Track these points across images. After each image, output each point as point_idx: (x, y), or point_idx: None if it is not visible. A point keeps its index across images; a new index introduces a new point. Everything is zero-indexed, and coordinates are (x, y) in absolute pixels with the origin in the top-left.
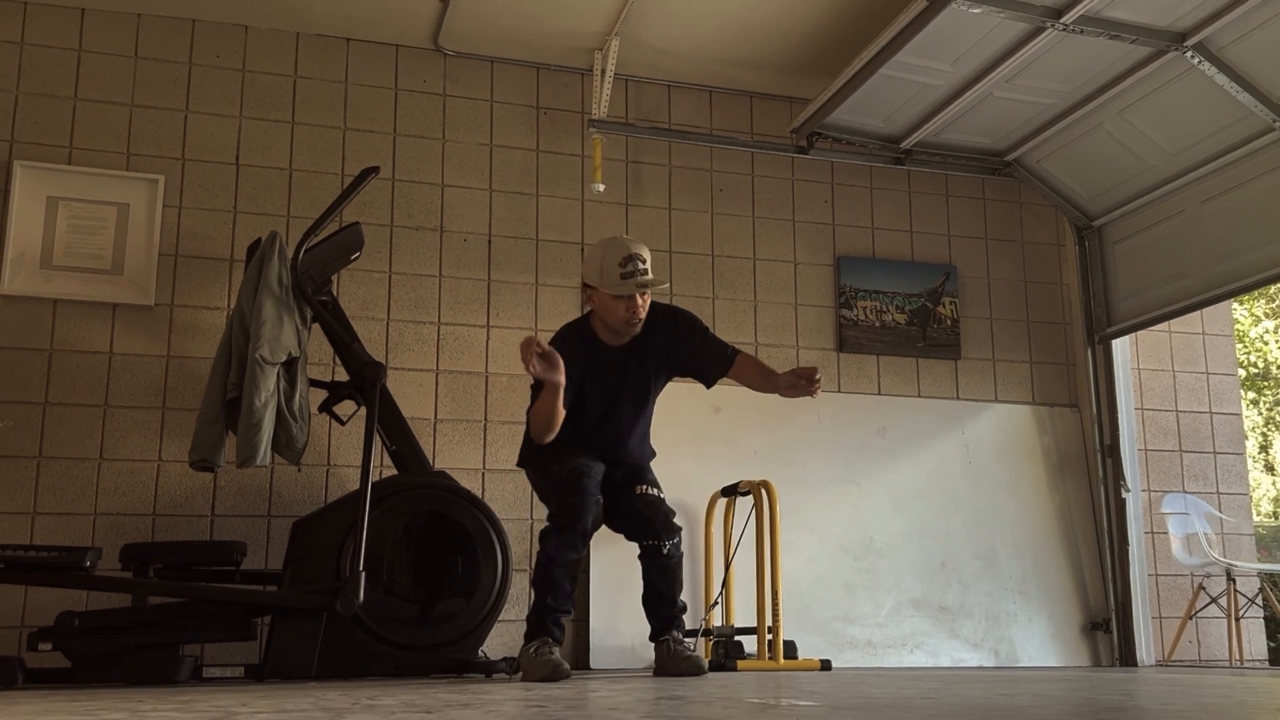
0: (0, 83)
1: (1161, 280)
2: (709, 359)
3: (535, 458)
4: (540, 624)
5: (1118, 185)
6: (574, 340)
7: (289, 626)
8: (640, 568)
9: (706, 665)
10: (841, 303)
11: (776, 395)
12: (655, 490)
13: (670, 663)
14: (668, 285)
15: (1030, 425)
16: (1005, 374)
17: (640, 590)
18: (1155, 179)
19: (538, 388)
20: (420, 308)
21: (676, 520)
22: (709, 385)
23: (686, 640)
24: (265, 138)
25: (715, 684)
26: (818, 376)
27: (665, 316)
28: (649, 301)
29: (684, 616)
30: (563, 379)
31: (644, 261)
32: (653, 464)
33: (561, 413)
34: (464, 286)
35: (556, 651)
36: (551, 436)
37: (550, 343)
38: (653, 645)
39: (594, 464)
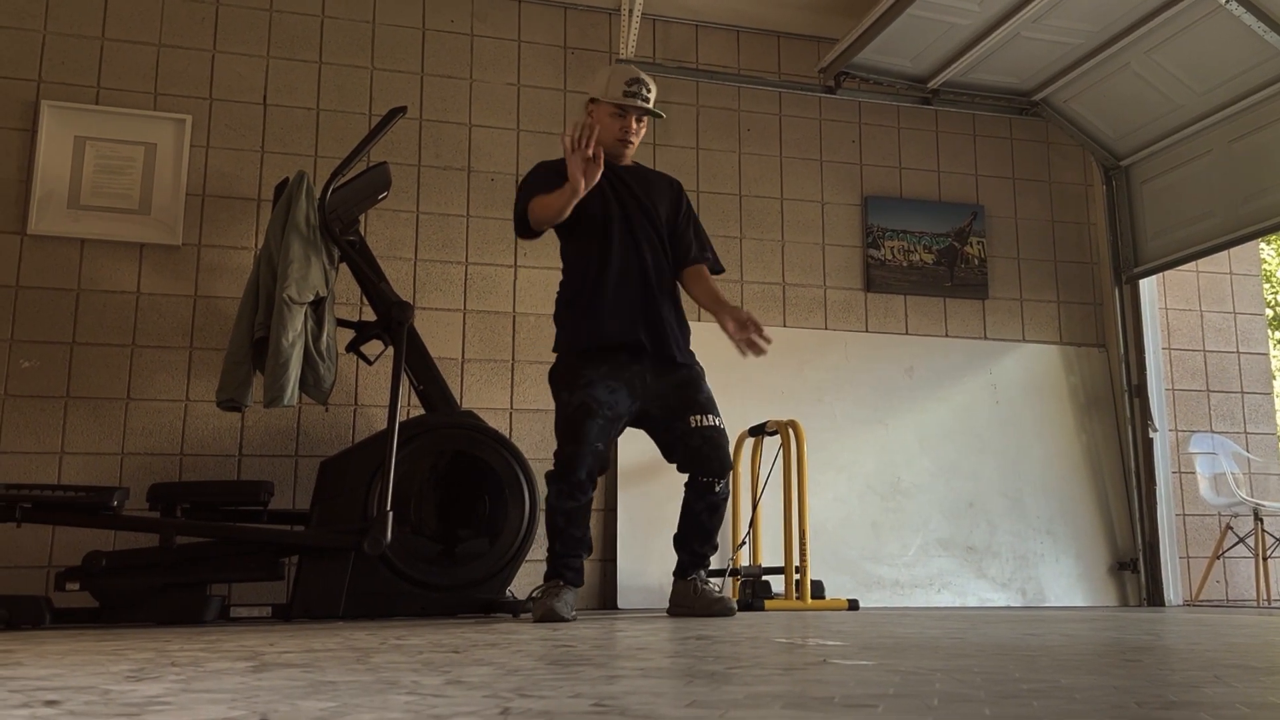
0: (27, 23)
1: (1189, 220)
2: (682, 237)
3: (555, 371)
4: (553, 568)
5: (1145, 125)
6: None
7: (316, 566)
8: (685, 496)
9: (735, 604)
10: (869, 243)
11: (799, 335)
12: (712, 418)
13: (699, 602)
14: (664, 116)
15: (1058, 365)
16: (1032, 314)
17: (675, 522)
18: (1182, 119)
19: (534, 186)
20: (447, 247)
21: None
22: (674, 268)
23: (712, 581)
24: (292, 77)
25: (742, 623)
26: (765, 339)
27: (666, 177)
28: (644, 131)
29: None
30: (584, 187)
31: (649, 90)
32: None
33: (565, 214)
34: (491, 226)
35: (567, 595)
36: (540, 229)
37: (553, 162)
38: (674, 581)
39: (608, 397)
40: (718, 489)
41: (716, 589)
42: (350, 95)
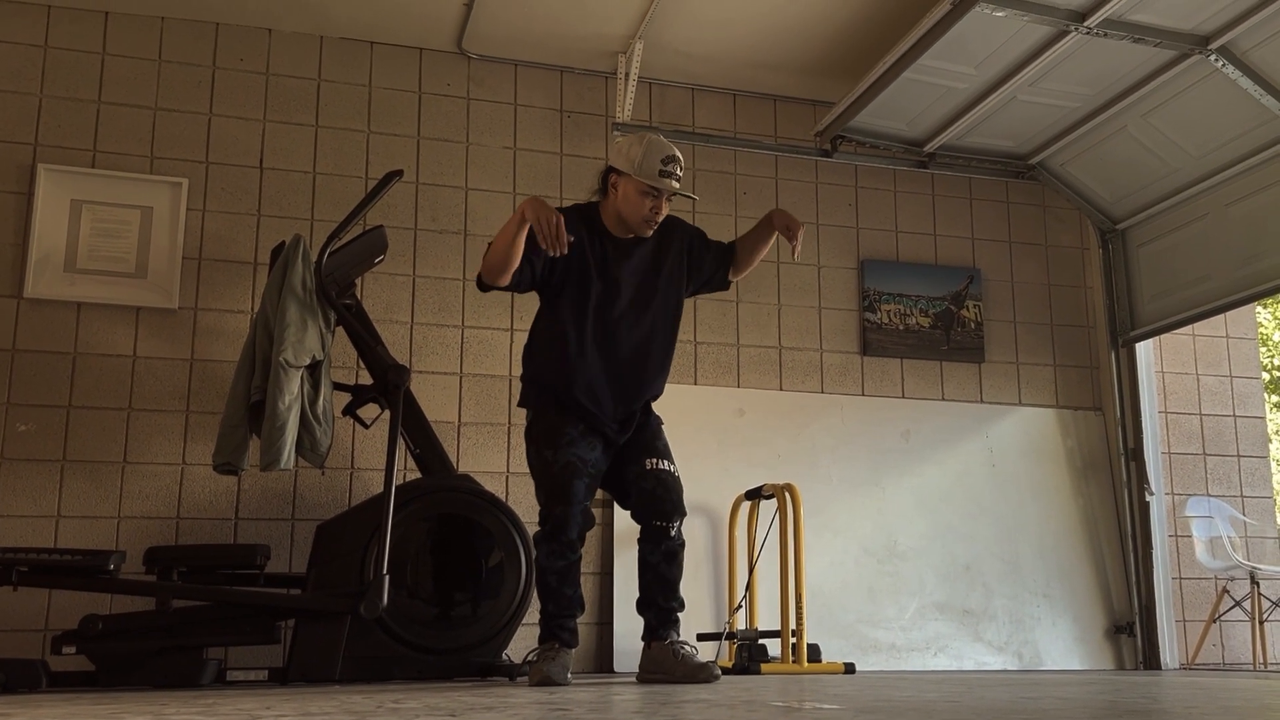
0: (24, 86)
1: (1185, 283)
2: (714, 254)
3: (533, 427)
4: (547, 629)
5: (1142, 188)
6: (575, 217)
7: (313, 630)
8: (639, 551)
9: (718, 670)
10: (865, 306)
11: (795, 399)
12: (667, 464)
13: (680, 667)
14: (698, 199)
15: (1054, 428)
16: (1029, 377)
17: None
18: (1179, 182)
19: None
20: (444, 311)
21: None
22: (726, 281)
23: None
24: (289, 141)
25: (738, 687)
26: (798, 233)
27: (673, 222)
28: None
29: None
30: (535, 219)
31: (682, 169)
32: (677, 465)
33: (517, 257)
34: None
35: (563, 658)
36: (503, 275)
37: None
38: (644, 646)
39: (590, 454)
40: (672, 533)
41: (695, 651)
42: (346, 159)
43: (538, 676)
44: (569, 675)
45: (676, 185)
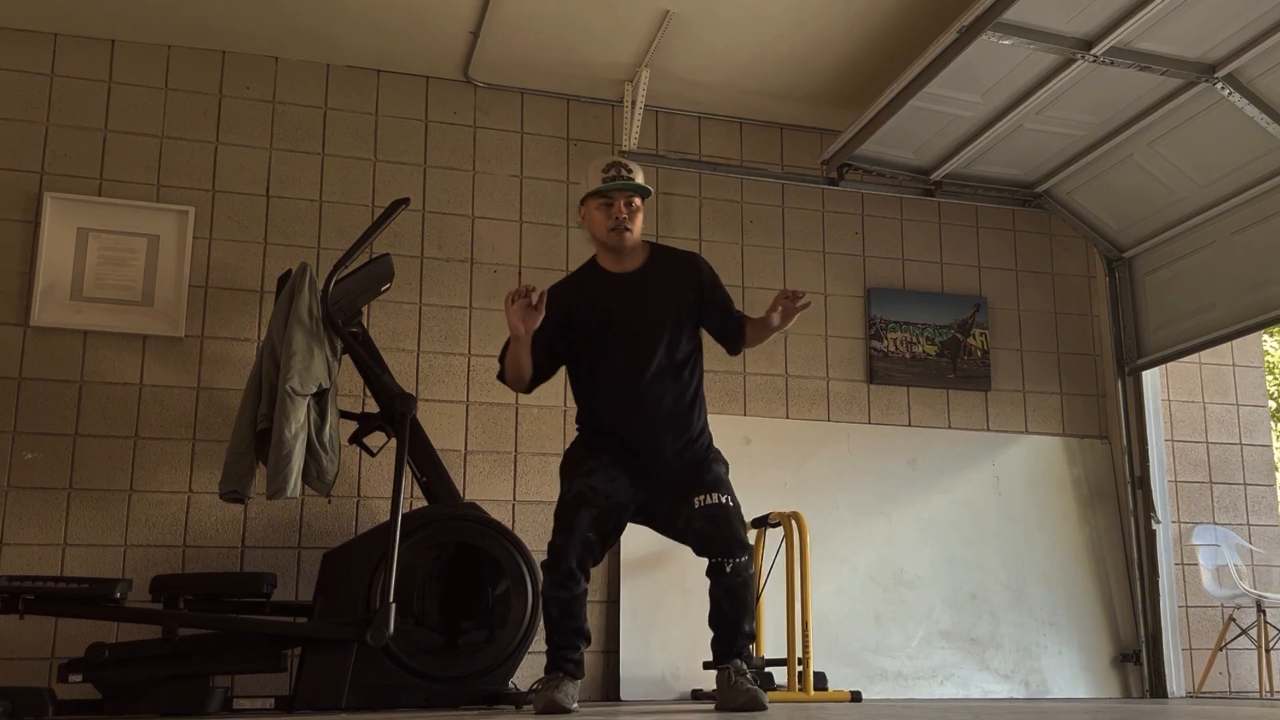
0: (30, 114)
1: (1192, 312)
2: (719, 310)
3: (565, 460)
4: (552, 660)
5: (1148, 217)
6: (567, 283)
7: (319, 658)
8: (708, 583)
9: (766, 700)
10: (872, 334)
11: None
12: (719, 497)
13: (728, 694)
14: (649, 191)
15: (1060, 457)
16: (1035, 405)
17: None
18: (1185, 210)
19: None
20: (450, 339)
21: (744, 536)
22: (729, 349)
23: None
24: (295, 169)
25: (744, 716)
26: (802, 296)
27: (676, 255)
28: (639, 216)
29: (751, 647)
30: (523, 332)
31: (629, 170)
32: (734, 495)
33: (527, 363)
34: (495, 318)
35: (568, 686)
36: (523, 386)
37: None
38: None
39: (607, 486)
40: (728, 569)
41: (752, 679)
42: (353, 187)
43: (542, 703)
44: (574, 703)
45: (623, 180)
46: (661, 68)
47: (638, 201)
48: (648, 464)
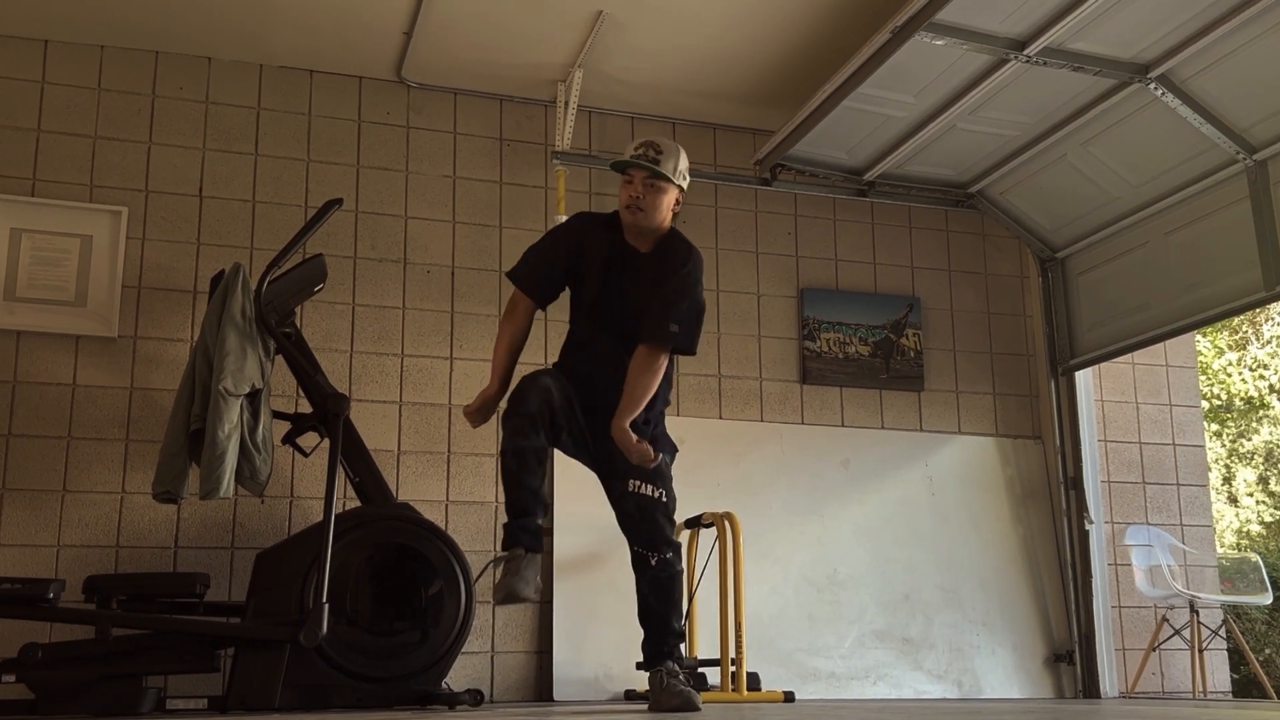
0: None
1: (1125, 312)
2: (653, 300)
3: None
4: (509, 533)
5: (1081, 217)
6: (595, 222)
7: (252, 658)
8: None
9: (699, 700)
10: (805, 334)
11: (735, 427)
12: (650, 487)
13: (662, 695)
14: (668, 177)
15: (993, 457)
16: (968, 406)
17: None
18: (1119, 211)
19: (526, 256)
20: (383, 339)
21: (671, 533)
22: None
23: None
24: (228, 169)
25: (678, 717)
26: (648, 460)
27: (676, 248)
28: (661, 199)
29: (683, 647)
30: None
31: (658, 151)
32: (669, 491)
33: (513, 356)
34: (427, 318)
35: (528, 570)
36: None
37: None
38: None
39: (566, 380)
40: (653, 563)
41: (684, 680)
42: (286, 187)
43: (503, 592)
44: (534, 589)
45: (641, 159)
46: (594, 68)
47: (661, 184)
48: (598, 404)
